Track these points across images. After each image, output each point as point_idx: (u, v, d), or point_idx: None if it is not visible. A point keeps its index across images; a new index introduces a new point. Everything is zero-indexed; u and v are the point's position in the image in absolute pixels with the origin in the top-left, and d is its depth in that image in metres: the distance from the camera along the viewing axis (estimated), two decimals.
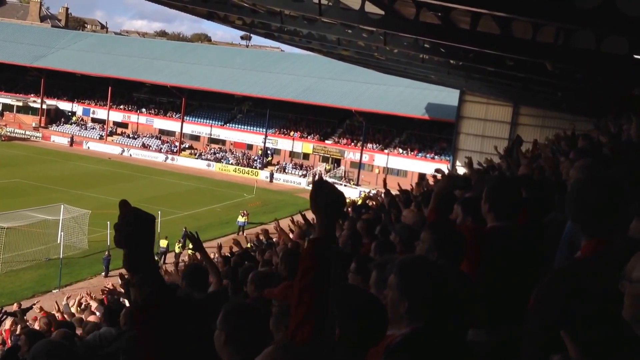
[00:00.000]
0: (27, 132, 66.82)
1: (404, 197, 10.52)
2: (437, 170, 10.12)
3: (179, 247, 30.44)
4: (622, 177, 3.98)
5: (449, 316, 2.47)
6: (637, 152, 5.85)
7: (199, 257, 7.26)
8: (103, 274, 26.90)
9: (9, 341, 9.61)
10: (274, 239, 13.91)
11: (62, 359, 3.77)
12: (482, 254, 3.74)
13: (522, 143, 9.98)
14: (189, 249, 27.57)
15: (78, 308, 13.98)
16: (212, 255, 8.71)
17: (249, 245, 21.98)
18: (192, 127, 65.77)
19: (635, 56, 8.85)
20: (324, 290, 2.02)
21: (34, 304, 15.42)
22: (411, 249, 4.65)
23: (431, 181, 15.00)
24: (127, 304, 10.35)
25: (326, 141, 60.98)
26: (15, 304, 16.49)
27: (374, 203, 15.34)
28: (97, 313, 11.34)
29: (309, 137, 61.50)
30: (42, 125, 68.98)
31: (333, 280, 2.07)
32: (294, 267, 5.78)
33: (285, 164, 60.82)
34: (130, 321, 6.39)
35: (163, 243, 30.26)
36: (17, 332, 10.06)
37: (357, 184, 55.51)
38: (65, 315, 12.01)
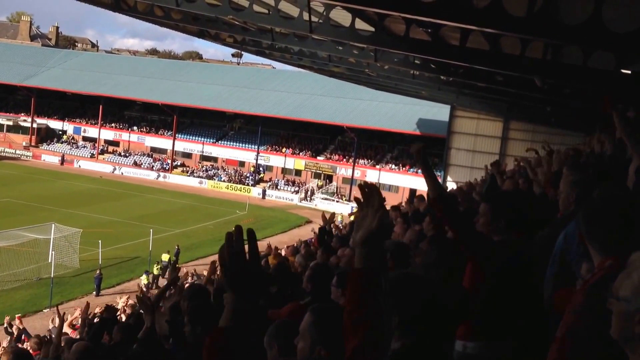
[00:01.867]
0: (18, 152, 66.50)
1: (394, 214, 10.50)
2: None
3: (157, 270, 29.16)
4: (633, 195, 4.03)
5: (439, 331, 2.48)
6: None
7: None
8: (94, 293, 26.67)
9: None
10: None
11: None
12: (484, 268, 3.74)
13: (499, 163, 10.00)
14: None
15: (69, 327, 13.81)
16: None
17: None
18: (183, 144, 65.72)
19: (623, 71, 8.96)
20: (378, 319, 1.99)
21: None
22: (402, 265, 4.66)
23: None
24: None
25: (318, 157, 61.06)
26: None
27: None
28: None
29: (300, 153, 61.58)
30: (33, 144, 68.71)
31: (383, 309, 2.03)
32: (285, 281, 5.83)
33: (278, 180, 60.80)
34: (126, 337, 6.29)
35: (165, 257, 30.77)
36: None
37: (349, 200, 55.51)
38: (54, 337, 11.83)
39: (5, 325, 19.92)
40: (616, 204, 2.66)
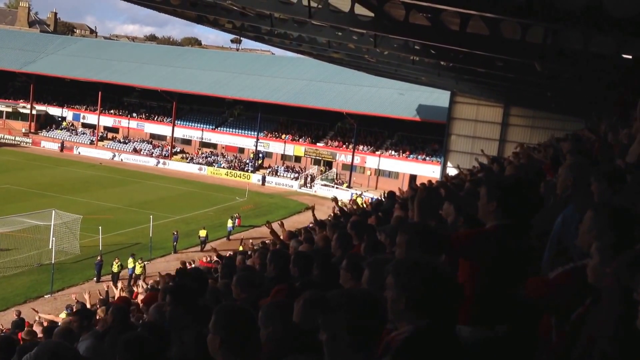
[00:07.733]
0: (17, 138, 66.40)
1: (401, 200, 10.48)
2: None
3: (140, 266, 26.88)
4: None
5: (445, 314, 2.50)
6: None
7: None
8: (95, 279, 26.78)
9: None
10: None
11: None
12: (482, 252, 3.75)
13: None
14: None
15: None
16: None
17: (240, 248, 22.01)
18: (183, 131, 65.59)
19: (624, 55, 8.93)
20: None
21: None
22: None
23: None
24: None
25: (318, 144, 60.96)
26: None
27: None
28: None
29: (300, 139, 61.49)
30: (32, 130, 68.60)
31: None
32: (282, 268, 5.83)
33: (277, 166, 60.76)
34: (121, 319, 6.32)
35: (202, 233, 33.08)
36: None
37: (349, 186, 55.53)
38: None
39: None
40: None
